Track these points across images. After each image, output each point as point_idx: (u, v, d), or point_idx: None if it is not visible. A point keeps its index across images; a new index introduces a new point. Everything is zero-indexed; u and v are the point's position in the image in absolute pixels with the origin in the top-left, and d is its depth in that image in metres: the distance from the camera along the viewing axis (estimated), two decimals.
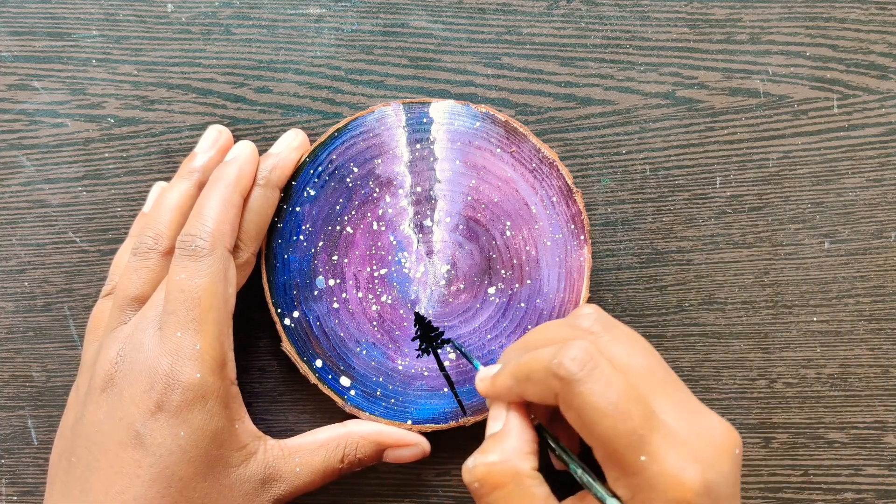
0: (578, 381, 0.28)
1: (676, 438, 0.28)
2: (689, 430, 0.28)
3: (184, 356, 0.32)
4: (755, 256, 0.39)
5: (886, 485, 0.39)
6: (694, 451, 0.28)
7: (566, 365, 0.28)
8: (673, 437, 0.28)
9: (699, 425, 0.29)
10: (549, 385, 0.29)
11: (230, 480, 0.33)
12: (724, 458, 0.28)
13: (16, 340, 0.39)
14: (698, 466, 0.27)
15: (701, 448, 0.28)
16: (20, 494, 0.39)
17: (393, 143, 0.37)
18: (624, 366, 0.30)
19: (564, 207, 0.37)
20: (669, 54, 0.39)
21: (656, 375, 0.30)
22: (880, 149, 0.39)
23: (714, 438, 0.29)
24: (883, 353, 0.39)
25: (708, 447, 0.28)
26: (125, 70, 0.39)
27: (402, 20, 0.39)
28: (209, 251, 0.33)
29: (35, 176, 0.39)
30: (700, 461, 0.28)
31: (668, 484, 0.27)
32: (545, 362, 0.29)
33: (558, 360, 0.28)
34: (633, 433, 0.27)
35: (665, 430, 0.28)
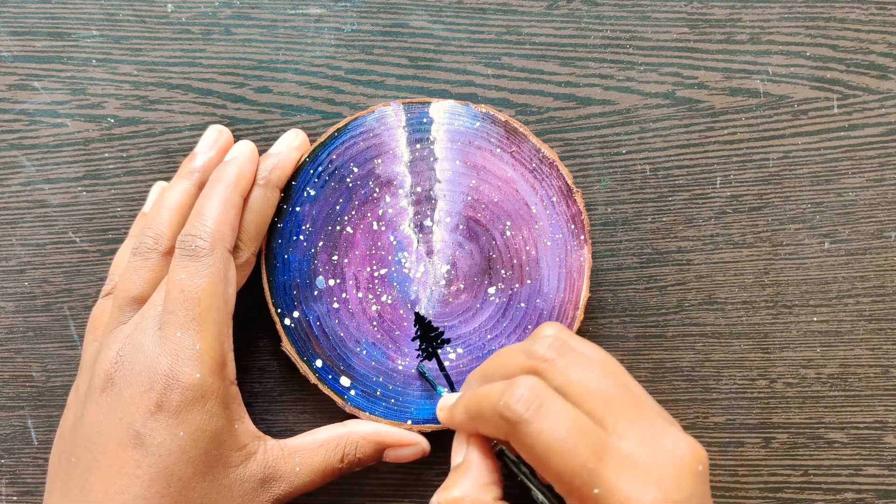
0: (525, 422, 0.28)
1: (632, 464, 0.28)
2: (648, 453, 0.28)
3: (183, 356, 0.32)
4: (755, 256, 0.39)
5: (886, 485, 0.39)
6: (653, 475, 0.28)
7: (512, 406, 0.28)
8: (627, 463, 0.28)
9: (659, 446, 0.29)
10: (497, 425, 0.29)
11: (229, 480, 0.33)
12: (685, 476, 0.28)
13: (16, 340, 0.39)
14: (657, 490, 0.27)
15: (661, 470, 0.28)
16: (20, 494, 0.39)
17: (393, 143, 0.37)
18: (579, 391, 0.29)
19: (564, 207, 0.37)
20: (669, 54, 0.39)
21: (614, 399, 0.29)
22: (880, 149, 0.39)
23: (676, 458, 0.28)
24: (883, 353, 0.39)
25: (669, 468, 0.28)
26: (125, 70, 0.39)
27: (402, 20, 0.39)
28: (209, 251, 0.33)
29: (35, 176, 0.39)
30: (660, 484, 0.27)
31: None
32: (493, 402, 0.29)
33: (504, 401, 0.28)
34: (583, 467, 0.27)
35: (619, 459, 0.28)
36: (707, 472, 0.29)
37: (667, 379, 0.39)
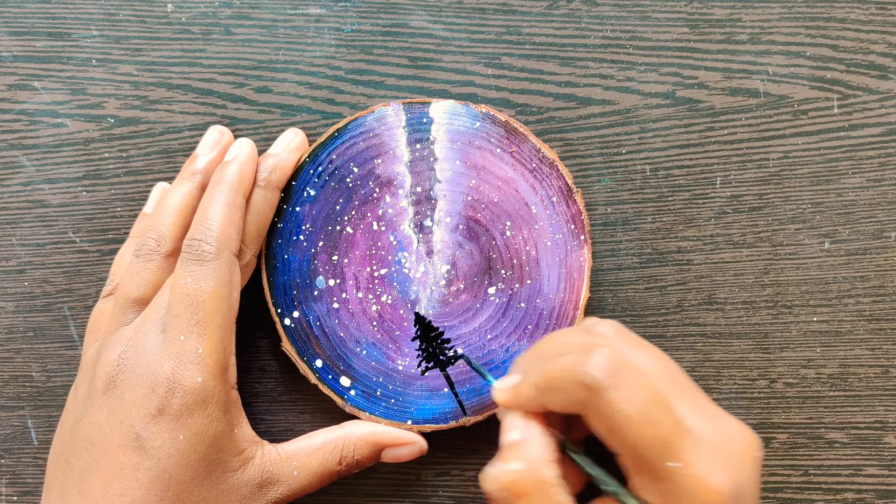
0: (605, 389, 0.28)
1: (703, 443, 0.28)
2: (714, 434, 0.28)
3: (186, 360, 0.32)
4: (755, 256, 0.39)
5: (886, 485, 0.39)
6: (721, 455, 0.28)
7: (592, 373, 0.28)
8: (699, 441, 0.28)
9: (722, 429, 0.29)
10: (574, 394, 0.29)
11: (228, 485, 0.33)
12: (747, 461, 0.28)
13: (16, 340, 0.39)
14: (727, 470, 0.27)
15: (727, 451, 0.28)
16: (20, 494, 0.39)
17: (393, 143, 0.37)
18: (645, 370, 0.29)
19: (564, 207, 0.37)
20: (669, 54, 0.39)
21: (676, 380, 0.30)
22: (880, 149, 0.39)
23: (737, 442, 0.29)
24: (883, 353, 0.39)
25: (733, 450, 0.28)
26: (125, 70, 0.39)
27: (402, 20, 0.39)
28: (215, 255, 0.33)
29: (35, 176, 0.39)
30: (727, 464, 0.28)
31: (698, 489, 0.27)
32: (568, 371, 0.29)
33: (583, 367, 0.28)
34: (661, 439, 0.27)
35: (692, 436, 0.28)
36: (761, 460, 0.30)
37: None
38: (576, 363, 0.29)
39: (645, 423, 0.27)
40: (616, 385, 0.28)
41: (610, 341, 0.30)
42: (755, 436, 0.29)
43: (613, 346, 0.30)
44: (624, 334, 0.31)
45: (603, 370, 0.28)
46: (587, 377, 0.28)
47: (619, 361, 0.28)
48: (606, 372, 0.28)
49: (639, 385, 0.28)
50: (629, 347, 0.30)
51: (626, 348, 0.30)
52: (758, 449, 0.29)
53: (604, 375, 0.28)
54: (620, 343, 0.30)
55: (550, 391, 0.30)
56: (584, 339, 0.31)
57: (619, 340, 0.31)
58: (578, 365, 0.29)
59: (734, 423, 0.29)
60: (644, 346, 0.31)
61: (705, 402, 0.30)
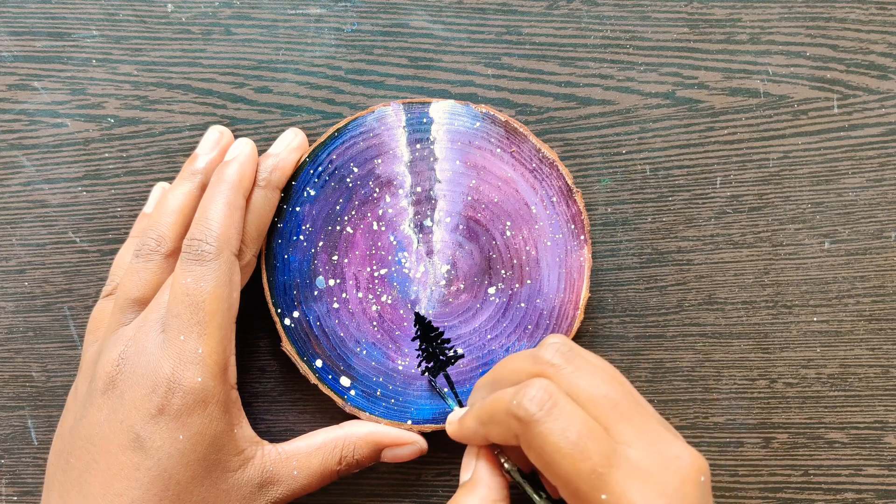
0: (537, 422, 0.28)
1: (639, 472, 0.28)
2: (654, 462, 0.28)
3: (186, 360, 0.32)
4: (755, 256, 0.39)
5: (886, 485, 0.39)
6: (658, 483, 0.28)
7: (524, 405, 0.28)
8: (635, 470, 0.28)
9: (664, 455, 0.29)
10: (509, 427, 0.29)
11: (227, 485, 0.33)
12: (689, 486, 0.28)
13: (16, 340, 0.39)
14: (663, 498, 0.27)
15: (666, 479, 0.28)
16: (20, 494, 0.39)
17: (393, 143, 0.37)
18: (587, 397, 0.29)
19: (564, 207, 0.37)
20: (669, 54, 0.39)
21: (621, 406, 0.30)
22: (880, 149, 0.39)
23: (679, 468, 0.28)
24: (883, 353, 0.39)
25: (673, 477, 0.28)
26: (125, 70, 0.39)
27: (402, 20, 0.39)
28: (215, 256, 0.33)
29: (35, 176, 0.39)
30: (664, 493, 0.27)
31: None
32: (505, 403, 0.29)
33: (517, 400, 0.28)
34: (593, 471, 0.27)
35: (626, 465, 0.28)
36: (709, 483, 0.29)
37: (667, 379, 0.39)
38: (511, 395, 0.29)
39: (575, 456, 0.27)
40: (547, 418, 0.28)
41: (554, 369, 0.30)
42: (700, 460, 0.29)
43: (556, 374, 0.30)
44: (571, 360, 0.31)
45: (536, 402, 0.28)
46: (520, 410, 0.28)
47: (554, 393, 0.28)
48: (539, 404, 0.28)
49: (571, 417, 0.28)
50: (574, 373, 0.30)
51: (570, 375, 0.30)
52: (702, 473, 0.29)
53: (536, 408, 0.28)
54: (566, 370, 0.30)
55: (490, 424, 0.30)
56: (529, 366, 0.31)
57: (566, 367, 0.30)
58: (513, 397, 0.29)
59: (679, 448, 0.29)
60: (592, 372, 0.30)
61: (653, 429, 0.30)
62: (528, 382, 0.29)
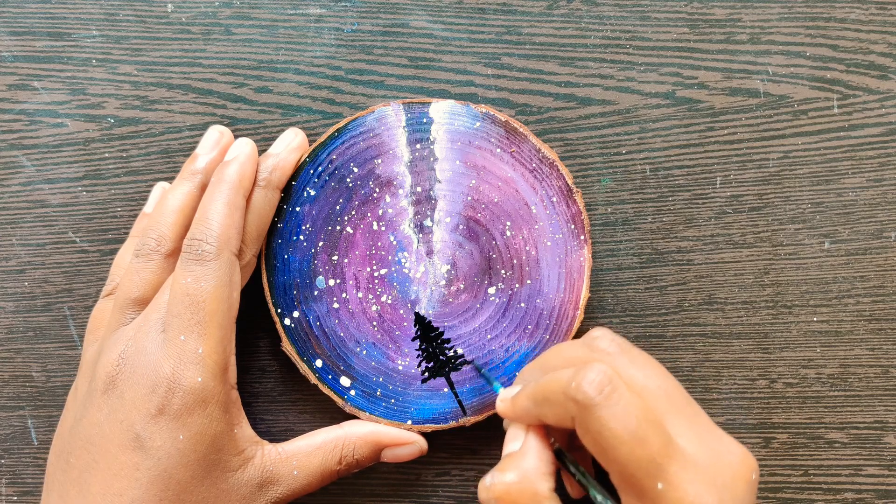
0: (596, 406, 0.28)
1: (694, 464, 0.28)
2: (707, 455, 0.28)
3: (186, 360, 0.32)
4: (755, 256, 0.39)
5: (886, 485, 0.39)
6: (711, 478, 0.28)
7: (584, 388, 0.28)
8: (690, 463, 0.28)
9: (716, 450, 0.29)
10: (566, 408, 0.29)
11: (227, 485, 0.33)
12: (740, 483, 0.28)
13: (16, 340, 0.39)
14: (715, 493, 0.27)
15: (718, 474, 0.28)
16: (20, 494, 0.39)
17: (393, 143, 0.37)
18: (641, 388, 0.29)
19: (564, 207, 0.37)
20: (669, 54, 0.39)
21: (674, 398, 0.30)
22: (880, 149, 0.39)
23: (731, 464, 0.28)
24: (883, 353, 0.39)
25: (725, 473, 0.28)
26: (125, 70, 0.39)
27: (402, 20, 0.39)
28: (216, 256, 0.33)
29: (35, 176, 0.39)
30: (717, 487, 0.27)
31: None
32: (563, 385, 0.29)
33: (576, 383, 0.28)
34: (651, 460, 0.27)
35: (682, 457, 0.28)
36: (757, 482, 0.29)
37: None
38: (569, 377, 0.29)
39: (634, 443, 0.27)
40: (607, 403, 0.28)
41: (610, 358, 0.30)
42: (751, 458, 0.29)
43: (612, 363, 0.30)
44: (626, 350, 0.31)
45: (595, 386, 0.28)
46: (578, 392, 0.28)
47: (613, 378, 0.28)
48: (598, 388, 0.28)
49: (630, 404, 0.28)
50: (629, 364, 0.30)
51: (626, 365, 0.30)
52: (753, 472, 0.29)
53: (595, 391, 0.28)
54: (621, 360, 0.30)
55: (545, 404, 0.30)
56: (584, 353, 0.31)
57: (621, 357, 0.31)
58: (572, 379, 0.28)
59: (731, 444, 0.29)
60: (645, 364, 0.31)
61: (703, 423, 0.30)
62: (587, 366, 0.29)
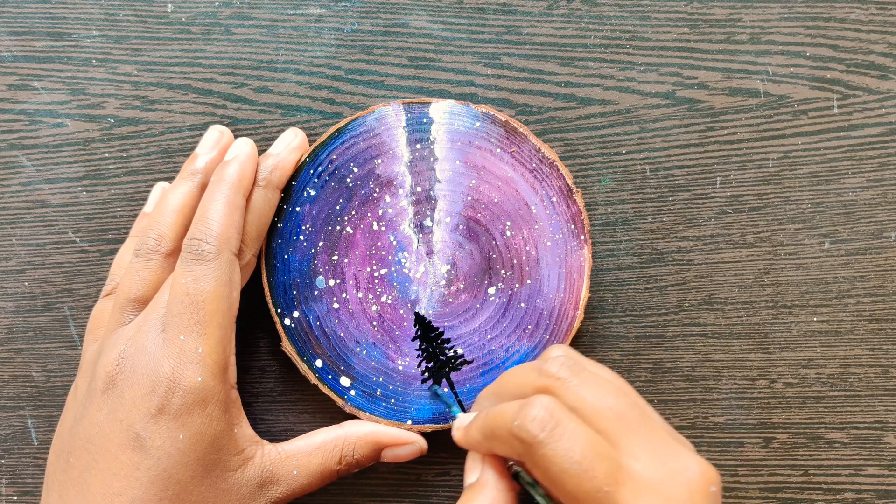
0: (540, 443, 0.28)
1: (646, 486, 0.27)
2: (661, 474, 0.28)
3: (186, 359, 0.32)
4: (755, 256, 0.39)
5: (886, 485, 0.39)
6: (666, 497, 0.27)
7: (527, 427, 0.28)
8: (643, 485, 0.27)
9: (672, 467, 0.28)
10: (512, 446, 0.29)
11: (227, 484, 0.33)
12: (698, 498, 0.28)
13: (16, 340, 0.39)
14: None
15: (673, 492, 0.28)
16: (20, 494, 0.39)
17: (393, 143, 0.37)
18: (592, 410, 0.29)
19: (564, 207, 0.37)
20: (669, 54, 0.39)
21: (628, 418, 0.29)
22: (880, 149, 0.39)
23: (689, 479, 0.28)
24: (883, 353, 0.39)
25: (682, 489, 0.28)
26: (125, 70, 0.39)
27: (402, 20, 0.39)
28: (215, 255, 0.33)
29: (35, 176, 0.39)
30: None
31: None
32: (507, 422, 0.29)
33: (519, 421, 0.28)
34: (599, 490, 0.27)
35: (633, 481, 0.28)
36: (719, 494, 0.29)
37: (667, 379, 0.39)
38: (513, 414, 0.29)
39: (580, 476, 0.27)
40: (550, 439, 0.27)
41: (559, 383, 0.30)
42: (710, 470, 0.29)
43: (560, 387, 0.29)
44: (576, 372, 0.30)
45: (538, 423, 0.28)
46: (522, 431, 0.28)
47: (556, 412, 0.28)
48: (541, 426, 0.28)
49: (574, 437, 0.28)
50: (579, 386, 0.30)
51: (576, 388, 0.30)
52: (712, 484, 0.28)
53: (538, 430, 0.28)
54: (571, 383, 0.30)
55: (493, 439, 0.30)
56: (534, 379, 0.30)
57: (571, 380, 0.30)
58: (515, 417, 0.28)
59: (688, 459, 0.29)
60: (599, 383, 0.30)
61: (660, 440, 0.29)
62: (530, 401, 0.28)
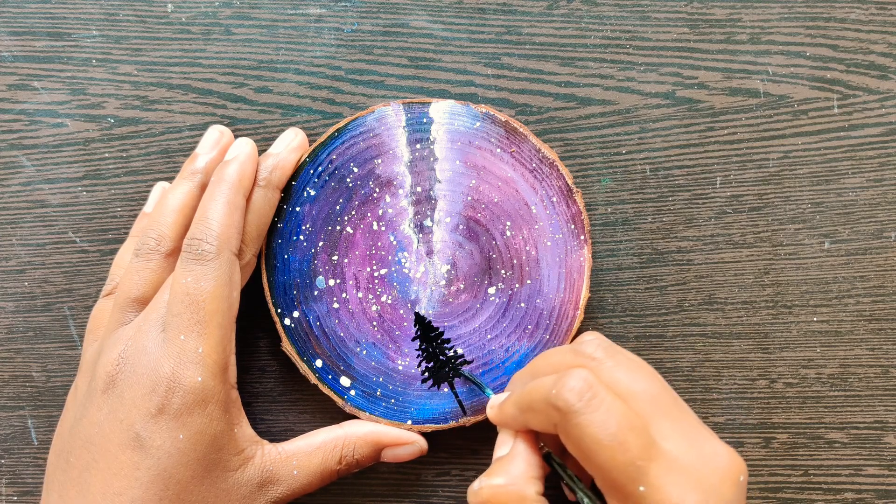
0: (576, 412, 0.28)
1: (677, 466, 0.28)
2: (692, 457, 0.28)
3: (186, 359, 0.32)
4: (755, 256, 0.39)
5: (886, 485, 0.39)
6: (696, 479, 0.28)
7: (564, 395, 0.28)
8: (673, 465, 0.28)
9: (703, 451, 0.29)
10: (549, 415, 0.29)
11: (227, 484, 0.33)
12: (727, 485, 0.28)
13: (16, 340, 0.39)
14: (699, 495, 0.27)
15: (704, 475, 0.28)
16: (20, 494, 0.39)
17: (393, 143, 0.37)
18: (627, 391, 0.30)
19: (564, 207, 0.37)
20: (669, 54, 0.39)
21: (660, 401, 0.30)
22: (880, 149, 0.39)
23: (718, 465, 0.28)
24: (883, 353, 0.39)
25: (712, 474, 0.28)
26: (125, 70, 0.39)
27: (402, 20, 0.39)
28: (216, 255, 0.33)
29: (35, 176, 0.39)
30: (702, 489, 0.27)
31: None
32: (544, 393, 0.29)
33: (557, 390, 0.28)
34: (631, 464, 0.27)
35: (665, 459, 0.28)
36: (746, 484, 0.29)
37: (667, 379, 0.39)
38: (551, 384, 0.29)
39: (614, 448, 0.27)
40: (587, 409, 0.28)
41: (595, 362, 0.30)
42: (739, 460, 0.29)
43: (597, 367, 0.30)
44: (612, 354, 0.31)
45: (576, 393, 0.28)
46: (559, 399, 0.28)
47: (594, 384, 0.28)
48: (579, 395, 0.28)
49: (610, 409, 0.28)
50: (615, 367, 0.30)
51: (611, 369, 0.30)
52: (741, 473, 0.29)
53: (575, 398, 0.28)
54: (606, 364, 0.30)
55: (529, 412, 0.30)
56: (571, 359, 0.31)
57: (606, 361, 0.31)
58: (553, 387, 0.29)
59: (718, 446, 0.29)
60: (631, 367, 0.31)
61: (690, 425, 0.30)
62: (568, 372, 0.29)
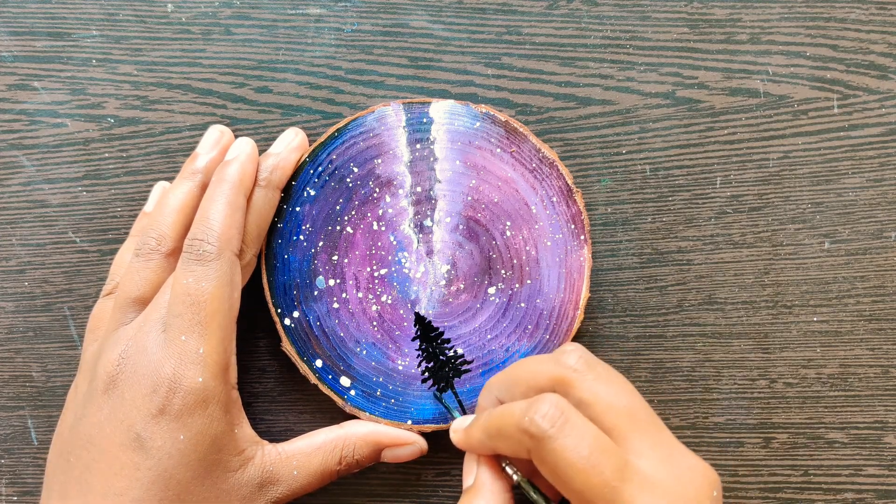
0: (549, 438, 0.28)
1: (651, 485, 0.28)
2: (666, 474, 0.28)
3: (187, 360, 0.32)
4: (755, 256, 0.39)
5: (886, 485, 0.39)
6: (670, 496, 0.28)
7: (537, 422, 0.28)
8: (647, 483, 0.28)
9: (677, 467, 0.29)
10: (521, 441, 0.29)
11: (228, 485, 0.33)
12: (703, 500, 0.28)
13: (16, 340, 0.39)
14: None
15: (678, 492, 0.28)
16: (20, 494, 0.39)
17: (393, 143, 0.37)
18: (606, 405, 0.29)
19: (564, 207, 0.37)
20: (669, 54, 0.39)
21: (638, 416, 0.30)
22: (880, 149, 0.39)
23: (693, 480, 0.29)
24: (883, 353, 0.39)
25: (685, 490, 0.28)
26: (125, 70, 0.39)
27: (402, 20, 0.39)
28: (216, 255, 0.33)
29: (35, 176, 0.39)
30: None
31: None
32: (516, 419, 0.29)
33: (529, 417, 0.28)
34: (606, 485, 0.27)
35: (640, 478, 0.28)
36: (720, 499, 0.29)
37: (667, 379, 0.39)
38: (523, 411, 0.29)
39: (588, 471, 0.27)
40: (560, 434, 0.28)
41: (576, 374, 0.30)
42: (713, 474, 0.29)
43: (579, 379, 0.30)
44: (592, 367, 0.31)
45: (548, 419, 0.28)
46: (532, 426, 0.28)
47: (565, 409, 0.28)
48: (551, 421, 0.28)
49: (583, 432, 0.28)
50: (594, 381, 0.30)
51: (591, 382, 0.30)
52: (715, 488, 0.29)
53: (548, 425, 0.28)
54: (587, 376, 0.30)
55: (499, 438, 0.30)
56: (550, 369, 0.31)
57: (587, 373, 0.30)
58: (525, 413, 0.29)
59: (692, 461, 0.29)
60: (611, 381, 0.31)
61: (665, 441, 0.30)
62: (539, 398, 0.29)
